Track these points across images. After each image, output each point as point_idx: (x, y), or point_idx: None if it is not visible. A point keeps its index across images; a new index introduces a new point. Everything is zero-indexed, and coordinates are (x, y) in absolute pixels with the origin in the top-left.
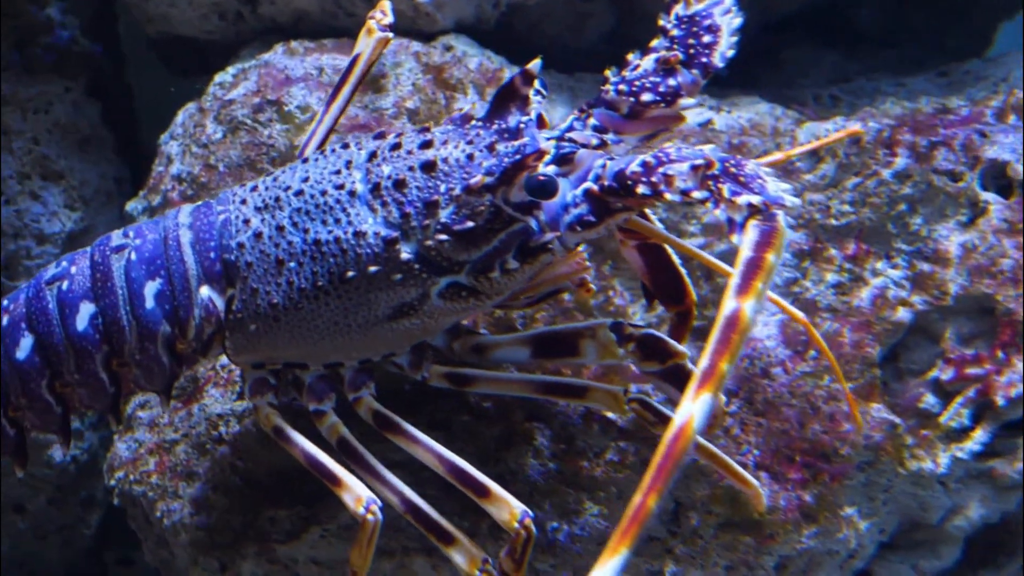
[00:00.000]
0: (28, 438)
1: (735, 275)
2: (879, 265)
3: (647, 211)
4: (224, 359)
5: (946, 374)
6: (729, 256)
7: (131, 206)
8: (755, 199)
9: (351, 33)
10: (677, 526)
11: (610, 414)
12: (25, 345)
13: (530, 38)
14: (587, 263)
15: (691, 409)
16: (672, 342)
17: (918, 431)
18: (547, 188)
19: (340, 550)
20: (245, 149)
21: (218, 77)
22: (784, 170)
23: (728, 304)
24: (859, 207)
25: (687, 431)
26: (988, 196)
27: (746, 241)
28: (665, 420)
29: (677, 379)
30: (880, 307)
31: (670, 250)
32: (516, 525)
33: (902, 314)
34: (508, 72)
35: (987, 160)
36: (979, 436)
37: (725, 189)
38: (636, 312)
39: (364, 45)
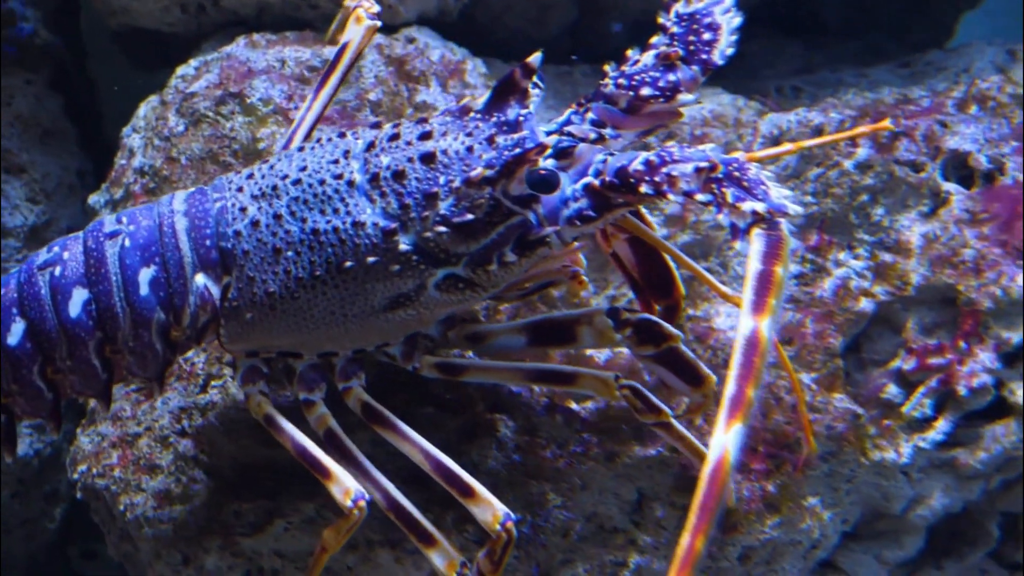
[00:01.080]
0: (17, 424)
1: (748, 291)
2: (841, 256)
3: (641, 209)
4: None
5: (908, 364)
6: (692, 247)
7: (93, 199)
8: (759, 206)
9: (314, 26)
10: (641, 517)
11: (574, 404)
12: (16, 331)
13: (492, 30)
14: (581, 256)
15: (724, 441)
16: (667, 325)
17: (881, 421)
18: (549, 182)
19: (304, 543)
20: (207, 142)
21: (180, 70)
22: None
23: (745, 323)
24: (821, 198)
25: (724, 465)
26: (950, 186)
27: (753, 251)
28: (654, 408)
29: (671, 362)
30: (842, 297)
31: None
32: (498, 527)
33: (864, 304)
34: (470, 64)
35: (948, 150)
36: (941, 426)
37: (729, 194)
38: (601, 304)
39: (353, 33)
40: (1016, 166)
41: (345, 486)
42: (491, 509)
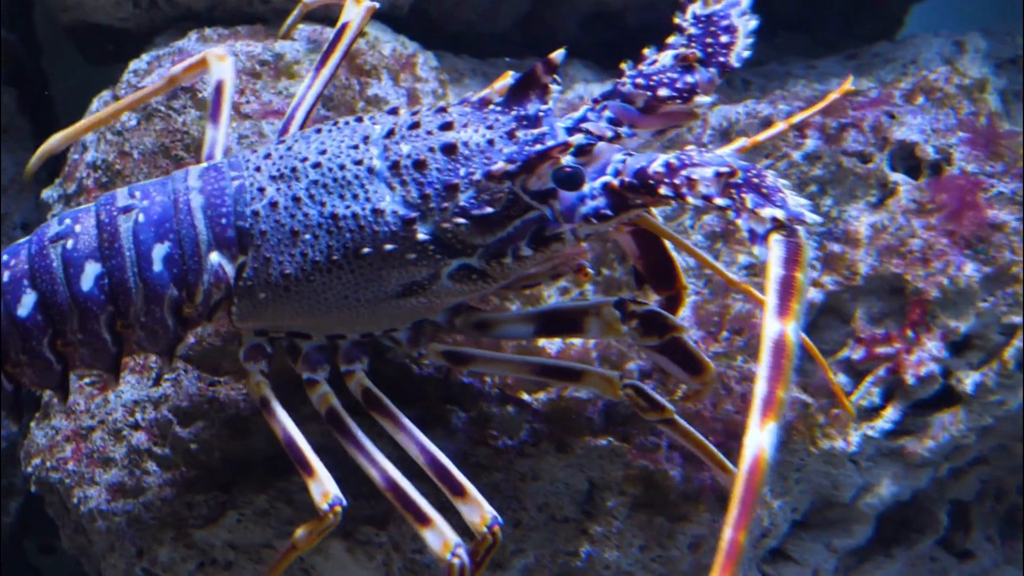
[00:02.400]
0: (23, 394)
1: (771, 295)
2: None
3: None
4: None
5: (857, 353)
6: None
7: (46, 194)
8: (779, 213)
9: (266, 20)
10: (592, 507)
11: (525, 395)
12: (27, 302)
13: (444, 23)
14: (586, 249)
15: (760, 439)
16: (671, 317)
17: (829, 410)
18: (574, 179)
19: (257, 535)
20: (159, 136)
21: (133, 65)
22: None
23: (771, 326)
24: None
25: (761, 462)
26: (897, 177)
27: (773, 257)
28: (657, 406)
29: (674, 352)
30: None
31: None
32: (484, 529)
33: (813, 294)
34: (422, 57)
35: (896, 141)
36: (890, 415)
37: (748, 199)
38: (552, 296)
39: (352, 14)
40: (962, 156)
41: (325, 488)
42: (479, 511)
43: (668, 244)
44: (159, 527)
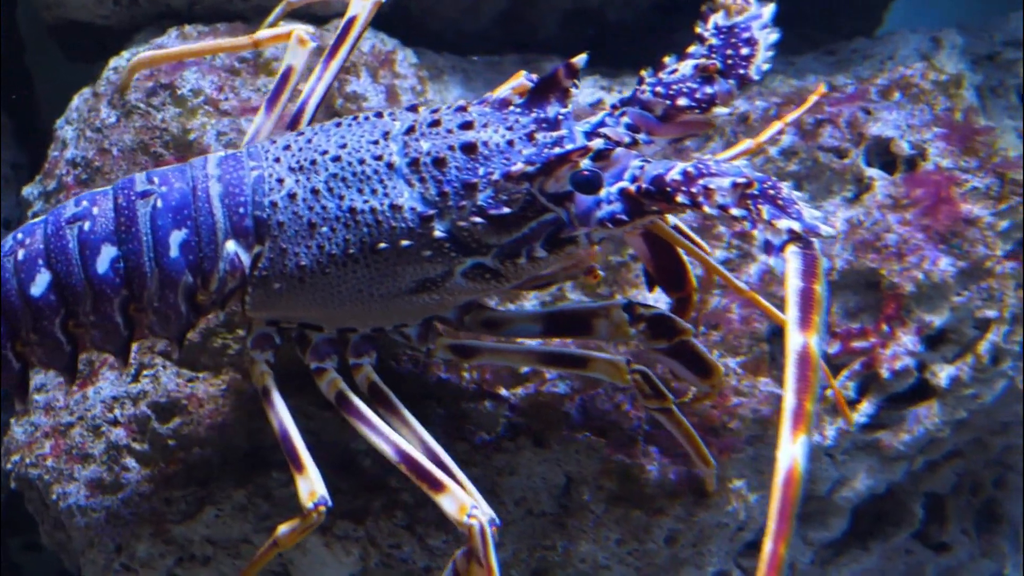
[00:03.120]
0: (30, 373)
1: (792, 308)
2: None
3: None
4: None
5: (832, 348)
6: None
7: (27, 191)
8: (795, 225)
9: (245, 17)
10: (569, 501)
11: (503, 390)
12: (41, 281)
13: (424, 20)
14: (597, 251)
15: (792, 452)
16: (680, 320)
17: None
18: (592, 183)
19: (235, 530)
20: (138, 133)
21: (113, 62)
22: (675, 149)
23: (795, 339)
24: None
25: (795, 474)
26: (873, 172)
27: (791, 269)
28: (660, 395)
29: (683, 355)
30: (768, 282)
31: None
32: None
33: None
34: (401, 54)
35: (871, 137)
36: (865, 408)
37: (764, 211)
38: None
39: (359, 8)
40: (938, 152)
41: (313, 487)
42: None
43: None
44: (137, 523)
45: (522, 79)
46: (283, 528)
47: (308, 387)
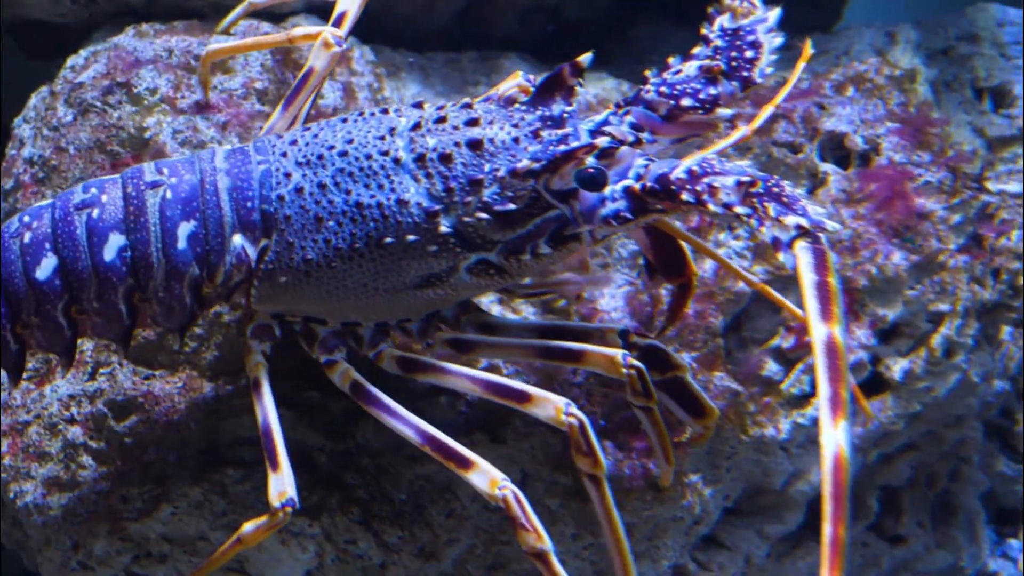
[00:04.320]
0: (28, 355)
1: (812, 300)
2: (721, 236)
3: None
4: None
5: (787, 342)
6: None
7: None
8: (803, 221)
9: (203, 15)
10: (524, 493)
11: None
12: (47, 266)
13: (382, 17)
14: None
15: (836, 437)
16: (675, 355)
17: (760, 398)
18: (597, 180)
19: (191, 527)
20: (95, 131)
21: (70, 60)
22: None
23: (819, 330)
24: None
25: (842, 459)
26: (827, 167)
27: (804, 264)
28: (648, 395)
29: (675, 391)
30: (722, 277)
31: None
32: (496, 492)
33: (744, 284)
34: (358, 51)
35: (825, 132)
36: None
37: (771, 208)
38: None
39: (347, 4)
40: (891, 146)
41: (284, 486)
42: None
43: (679, 229)
44: (94, 521)
45: (520, 79)
46: (248, 526)
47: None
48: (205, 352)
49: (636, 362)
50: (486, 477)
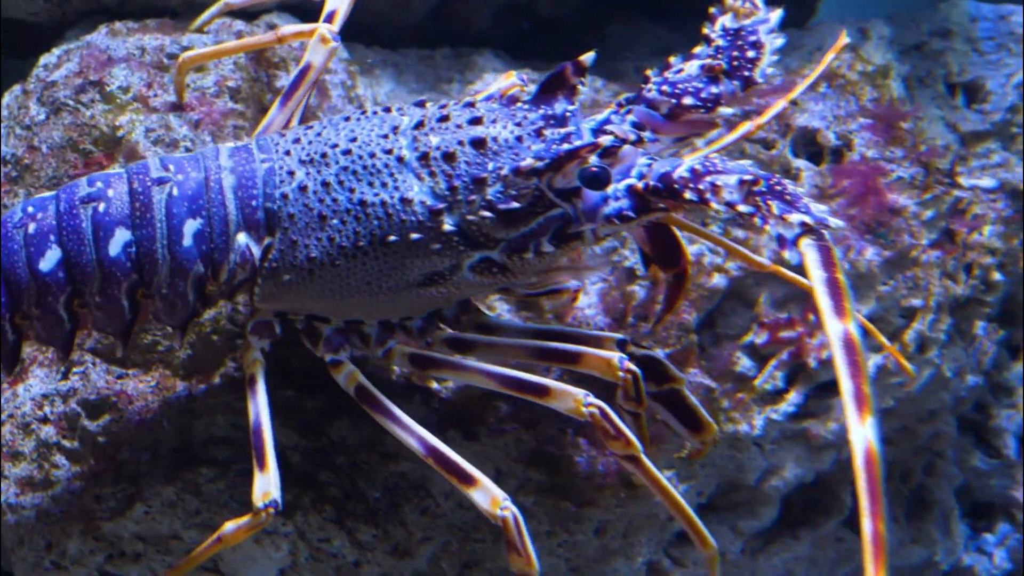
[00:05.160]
0: (23, 346)
1: (823, 298)
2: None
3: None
4: None
5: (760, 338)
6: None
7: None
8: (807, 218)
9: (176, 13)
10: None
11: (433, 384)
12: (51, 258)
13: (356, 14)
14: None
15: (865, 433)
16: (673, 368)
17: (734, 394)
18: (600, 179)
19: (165, 526)
20: (67, 130)
21: (43, 59)
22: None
23: (834, 327)
24: None
25: (873, 454)
26: (800, 163)
27: (811, 261)
28: (640, 401)
29: (672, 403)
30: (696, 273)
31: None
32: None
33: (717, 280)
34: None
35: (798, 128)
36: (793, 398)
37: (774, 206)
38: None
39: (336, 3)
40: (863, 142)
41: (269, 487)
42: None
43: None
44: (68, 520)
45: (513, 79)
46: (229, 525)
47: (235, 385)
48: (178, 351)
49: (632, 366)
50: (488, 495)
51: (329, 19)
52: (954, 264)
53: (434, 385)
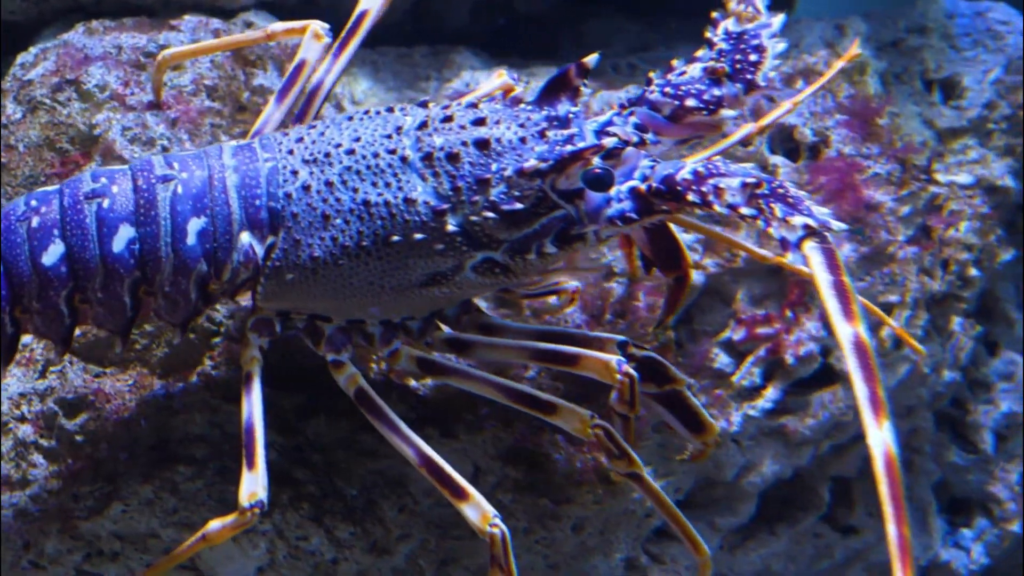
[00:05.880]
0: (21, 339)
1: (832, 301)
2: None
3: None
4: None
5: (738, 334)
6: None
7: None
8: (810, 221)
9: (154, 12)
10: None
11: (412, 382)
12: (54, 252)
13: (333, 13)
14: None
15: (882, 437)
16: (673, 369)
17: (712, 391)
18: (604, 181)
19: (143, 524)
20: (44, 129)
21: (20, 58)
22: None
23: (843, 331)
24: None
25: (892, 458)
26: (776, 159)
27: (816, 264)
28: (633, 406)
29: (672, 404)
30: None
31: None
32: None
33: (695, 277)
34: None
35: (775, 124)
36: (770, 394)
37: (777, 209)
38: None
39: (369, 3)
40: (840, 138)
41: (256, 487)
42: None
43: (673, 227)
44: (45, 519)
45: (505, 78)
46: (214, 524)
47: (212, 383)
48: (156, 349)
49: (630, 370)
50: (479, 511)
51: (360, 18)
52: (931, 260)
53: (412, 383)
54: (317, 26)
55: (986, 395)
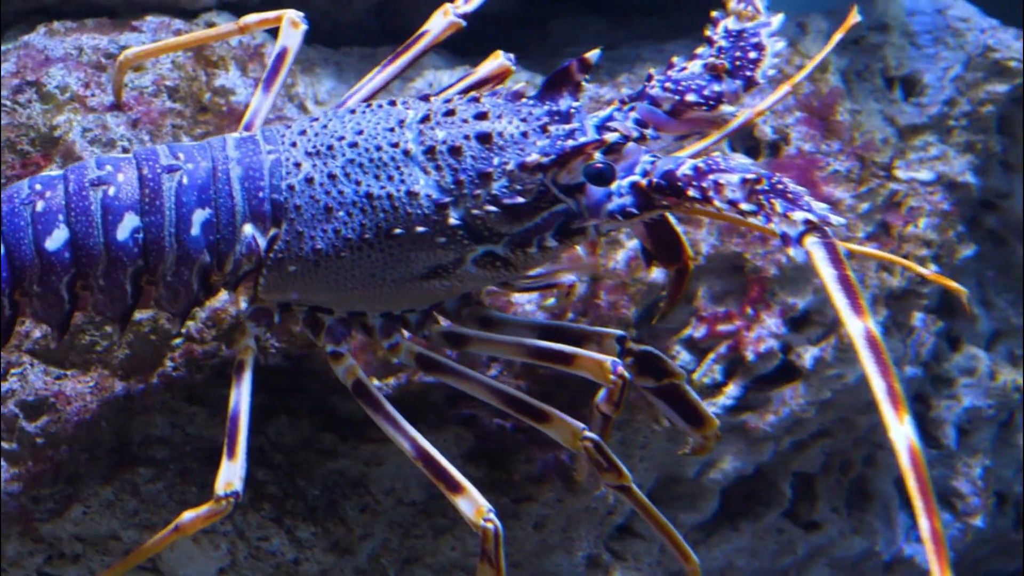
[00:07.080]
0: (17, 321)
1: (839, 295)
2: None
3: None
4: None
5: (699, 332)
6: None
7: None
8: (811, 216)
9: (118, 12)
10: (437, 489)
11: (376, 380)
12: (58, 237)
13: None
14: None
15: (904, 431)
16: (671, 362)
17: None
18: (605, 176)
19: (103, 526)
20: (5, 130)
21: None
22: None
23: (854, 326)
24: None
25: (916, 452)
26: (737, 157)
27: (819, 260)
28: (619, 407)
29: (671, 398)
30: (634, 268)
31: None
32: (481, 522)
33: (656, 274)
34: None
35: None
36: (731, 391)
37: (777, 204)
38: None
39: (434, 24)
40: (800, 136)
41: (233, 477)
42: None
43: (672, 219)
44: (5, 522)
45: (501, 59)
46: (188, 514)
47: (173, 385)
48: (117, 351)
49: (624, 372)
50: (473, 505)
51: (419, 38)
52: None
53: (375, 382)
54: (292, 14)
55: (948, 390)
